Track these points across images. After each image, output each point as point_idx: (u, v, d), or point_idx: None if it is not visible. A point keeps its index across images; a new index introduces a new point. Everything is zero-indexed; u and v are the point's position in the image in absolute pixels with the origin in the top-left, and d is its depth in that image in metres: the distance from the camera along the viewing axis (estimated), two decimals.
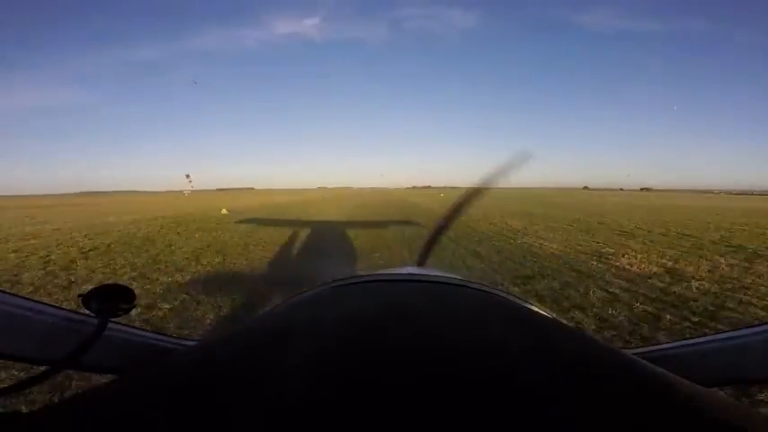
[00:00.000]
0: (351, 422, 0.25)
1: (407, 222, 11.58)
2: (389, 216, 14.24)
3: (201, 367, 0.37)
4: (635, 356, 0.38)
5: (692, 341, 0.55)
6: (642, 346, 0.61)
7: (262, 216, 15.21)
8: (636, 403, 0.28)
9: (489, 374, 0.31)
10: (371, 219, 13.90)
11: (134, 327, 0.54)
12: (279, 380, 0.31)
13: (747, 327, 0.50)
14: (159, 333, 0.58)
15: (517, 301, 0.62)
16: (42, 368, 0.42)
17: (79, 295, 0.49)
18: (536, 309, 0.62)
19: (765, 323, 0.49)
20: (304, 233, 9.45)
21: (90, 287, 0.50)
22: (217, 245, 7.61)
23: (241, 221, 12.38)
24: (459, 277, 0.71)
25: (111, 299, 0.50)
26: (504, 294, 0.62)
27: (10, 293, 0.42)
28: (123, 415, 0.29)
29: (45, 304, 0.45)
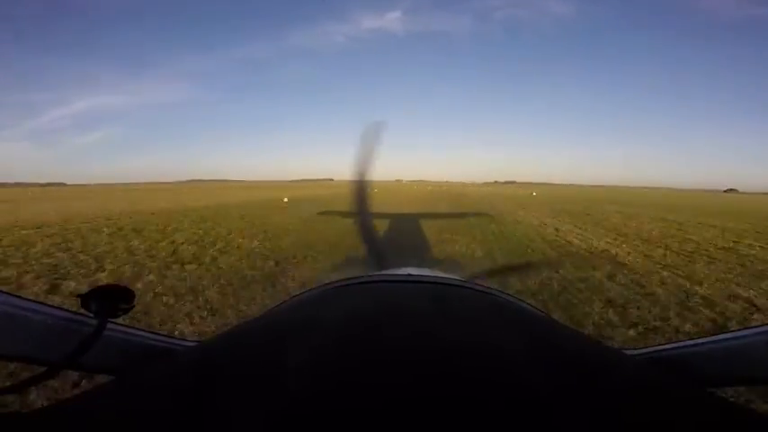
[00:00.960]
0: (351, 422, 0.25)
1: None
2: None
3: (201, 367, 0.37)
4: (634, 357, 0.38)
5: (691, 342, 0.55)
6: (642, 347, 0.61)
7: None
8: (635, 403, 0.28)
9: (488, 374, 0.31)
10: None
11: (133, 327, 0.54)
12: (279, 380, 0.31)
13: (747, 327, 0.50)
14: (159, 333, 0.58)
15: (516, 301, 0.62)
16: (42, 368, 0.42)
17: (78, 295, 0.49)
18: (535, 309, 0.62)
19: (765, 324, 0.49)
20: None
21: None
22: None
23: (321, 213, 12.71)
24: (458, 277, 0.71)
25: (111, 299, 0.50)
26: (504, 294, 0.62)
27: (10, 294, 0.43)
28: (123, 415, 0.29)
29: (45, 304, 0.45)
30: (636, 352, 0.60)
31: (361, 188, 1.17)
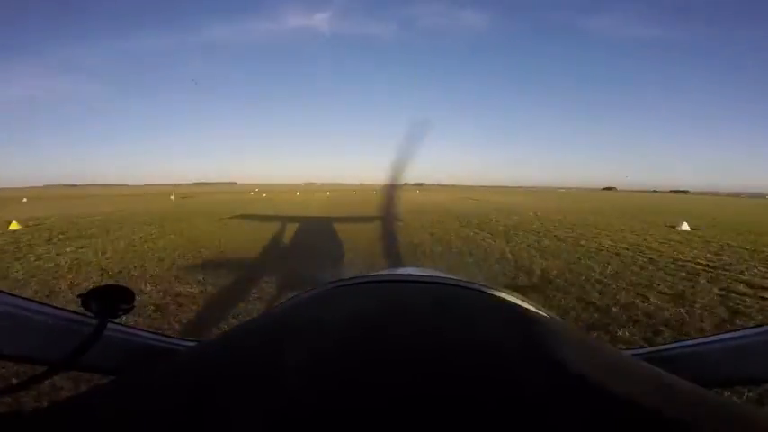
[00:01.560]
0: (351, 422, 0.25)
1: None
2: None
3: (201, 367, 0.37)
4: (635, 357, 0.38)
5: (692, 342, 0.55)
6: (642, 347, 0.61)
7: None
8: (635, 404, 0.28)
9: (490, 374, 0.31)
10: None
11: (133, 327, 0.54)
12: (279, 380, 0.31)
13: (747, 328, 0.50)
14: (159, 333, 0.58)
15: (516, 301, 0.62)
16: (43, 368, 0.42)
17: (79, 295, 0.49)
18: (535, 309, 0.62)
19: (764, 325, 0.49)
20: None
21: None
22: None
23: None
24: (458, 278, 0.71)
25: (111, 299, 0.50)
26: (504, 294, 0.62)
27: (10, 294, 0.42)
28: (123, 415, 0.29)
29: (45, 304, 0.45)
30: (636, 352, 0.60)
31: (389, 193, 1.26)
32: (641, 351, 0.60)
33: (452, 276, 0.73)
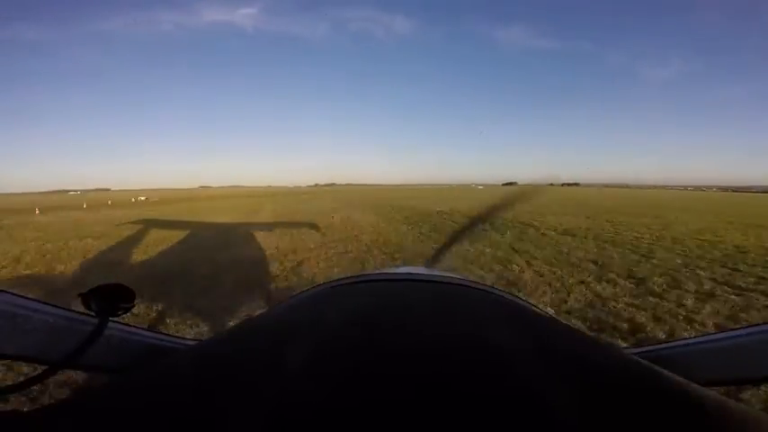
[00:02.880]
0: (352, 421, 0.25)
1: None
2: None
3: (202, 366, 0.37)
4: (634, 356, 0.38)
5: (691, 341, 0.55)
6: (642, 347, 0.61)
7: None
8: (635, 403, 0.28)
9: (489, 373, 0.31)
10: None
11: (134, 326, 0.54)
12: (279, 379, 0.31)
13: (746, 327, 0.50)
14: (159, 333, 0.58)
15: (517, 300, 0.62)
16: (42, 368, 0.42)
17: (79, 294, 0.49)
18: (536, 308, 0.62)
19: (764, 323, 0.49)
20: None
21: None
22: None
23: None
24: (459, 277, 0.71)
25: (111, 298, 0.50)
26: (505, 294, 0.62)
27: (11, 293, 0.42)
28: (123, 415, 0.29)
29: (45, 303, 0.45)
30: (636, 351, 0.60)
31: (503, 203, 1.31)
32: (641, 350, 0.60)
33: (452, 276, 0.72)
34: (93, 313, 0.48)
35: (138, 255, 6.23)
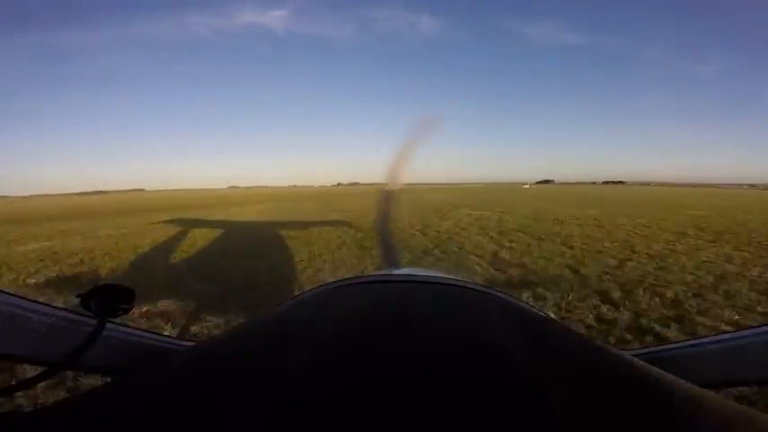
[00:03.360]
0: (351, 422, 0.25)
1: None
2: None
3: (201, 367, 0.37)
4: (633, 357, 0.38)
5: (691, 342, 0.55)
6: (642, 347, 0.61)
7: None
8: (634, 404, 0.28)
9: (488, 375, 0.31)
10: None
11: (133, 327, 0.54)
12: (279, 380, 0.31)
13: (747, 328, 0.50)
14: (159, 333, 0.58)
15: (516, 301, 0.62)
16: (42, 368, 0.42)
17: (78, 295, 0.49)
18: (535, 310, 0.62)
19: (765, 324, 0.49)
20: None
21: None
22: None
23: None
24: (458, 278, 0.71)
25: (110, 299, 0.50)
26: (503, 295, 0.62)
27: (10, 293, 0.42)
28: (123, 415, 0.29)
29: (45, 304, 0.45)
30: (636, 352, 0.60)
31: (386, 194, 1.33)
32: (641, 351, 0.60)
33: (452, 276, 0.73)
34: (91, 314, 0.48)
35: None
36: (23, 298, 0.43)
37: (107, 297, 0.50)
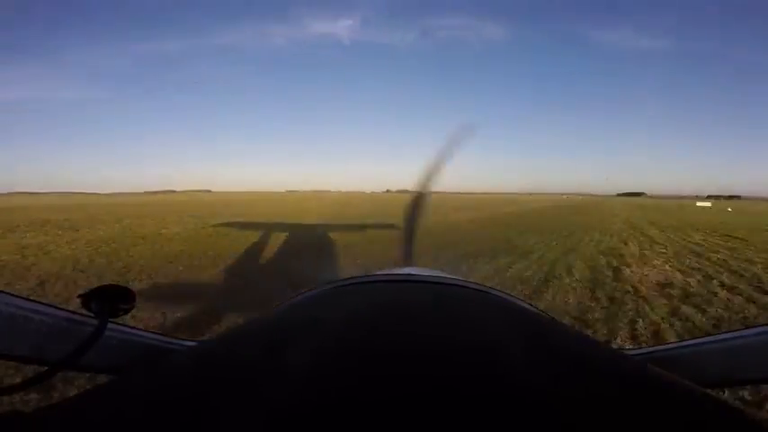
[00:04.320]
0: (352, 422, 0.25)
1: None
2: None
3: (201, 367, 0.37)
4: (633, 357, 0.39)
5: (691, 342, 0.55)
6: (642, 347, 0.61)
7: None
8: (634, 403, 0.28)
9: (489, 374, 0.31)
10: None
11: (134, 327, 0.54)
12: (279, 380, 0.31)
13: (747, 328, 0.50)
14: (159, 333, 0.58)
15: (516, 301, 0.62)
16: (42, 368, 0.42)
17: (79, 295, 0.49)
18: (534, 309, 0.62)
19: (765, 324, 0.49)
20: None
21: None
22: None
23: None
24: (458, 278, 0.71)
25: (111, 299, 0.50)
26: (504, 295, 0.62)
27: (10, 294, 0.42)
28: (123, 415, 0.29)
29: (45, 304, 0.45)
30: (636, 352, 0.60)
31: (418, 197, 1.39)
32: (641, 351, 0.60)
33: (452, 276, 0.73)
34: (92, 314, 0.48)
35: None
36: (24, 298, 0.43)
37: (108, 297, 0.50)
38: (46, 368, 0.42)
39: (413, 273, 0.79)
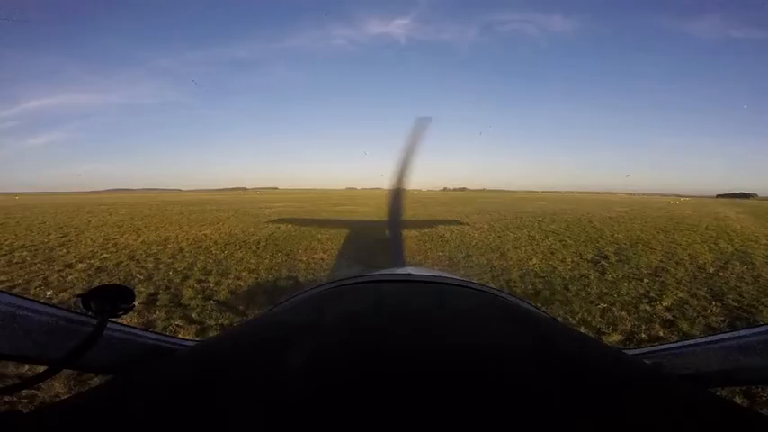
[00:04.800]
0: (352, 421, 0.25)
1: None
2: None
3: (201, 367, 0.37)
4: (634, 356, 0.38)
5: (691, 342, 0.55)
6: (642, 347, 0.61)
7: None
8: (634, 403, 0.28)
9: (489, 372, 0.31)
10: None
11: (133, 327, 0.54)
12: (279, 379, 0.31)
13: (747, 327, 0.50)
14: (159, 333, 0.58)
15: (516, 300, 0.62)
16: (43, 368, 0.42)
17: (78, 295, 0.49)
18: (535, 309, 0.62)
19: (764, 324, 0.49)
20: None
21: None
22: None
23: None
24: (458, 277, 0.71)
25: (111, 299, 0.50)
26: (504, 294, 0.62)
27: (10, 294, 0.42)
28: (123, 414, 0.29)
29: (45, 304, 0.45)
30: (636, 351, 0.60)
31: (395, 195, 1.35)
32: (641, 351, 0.60)
33: (452, 276, 0.72)
34: (92, 314, 0.48)
35: None
36: (25, 298, 0.43)
37: (107, 297, 0.50)
38: (46, 368, 0.42)
39: (412, 272, 0.78)
